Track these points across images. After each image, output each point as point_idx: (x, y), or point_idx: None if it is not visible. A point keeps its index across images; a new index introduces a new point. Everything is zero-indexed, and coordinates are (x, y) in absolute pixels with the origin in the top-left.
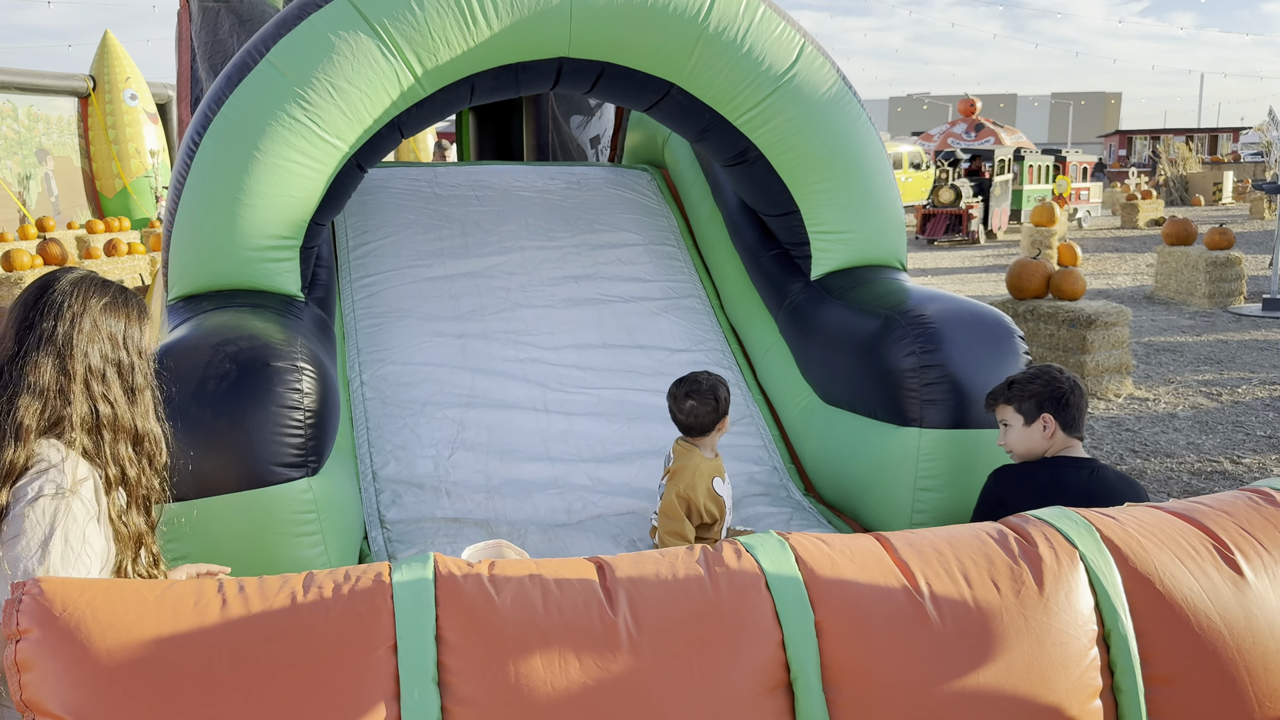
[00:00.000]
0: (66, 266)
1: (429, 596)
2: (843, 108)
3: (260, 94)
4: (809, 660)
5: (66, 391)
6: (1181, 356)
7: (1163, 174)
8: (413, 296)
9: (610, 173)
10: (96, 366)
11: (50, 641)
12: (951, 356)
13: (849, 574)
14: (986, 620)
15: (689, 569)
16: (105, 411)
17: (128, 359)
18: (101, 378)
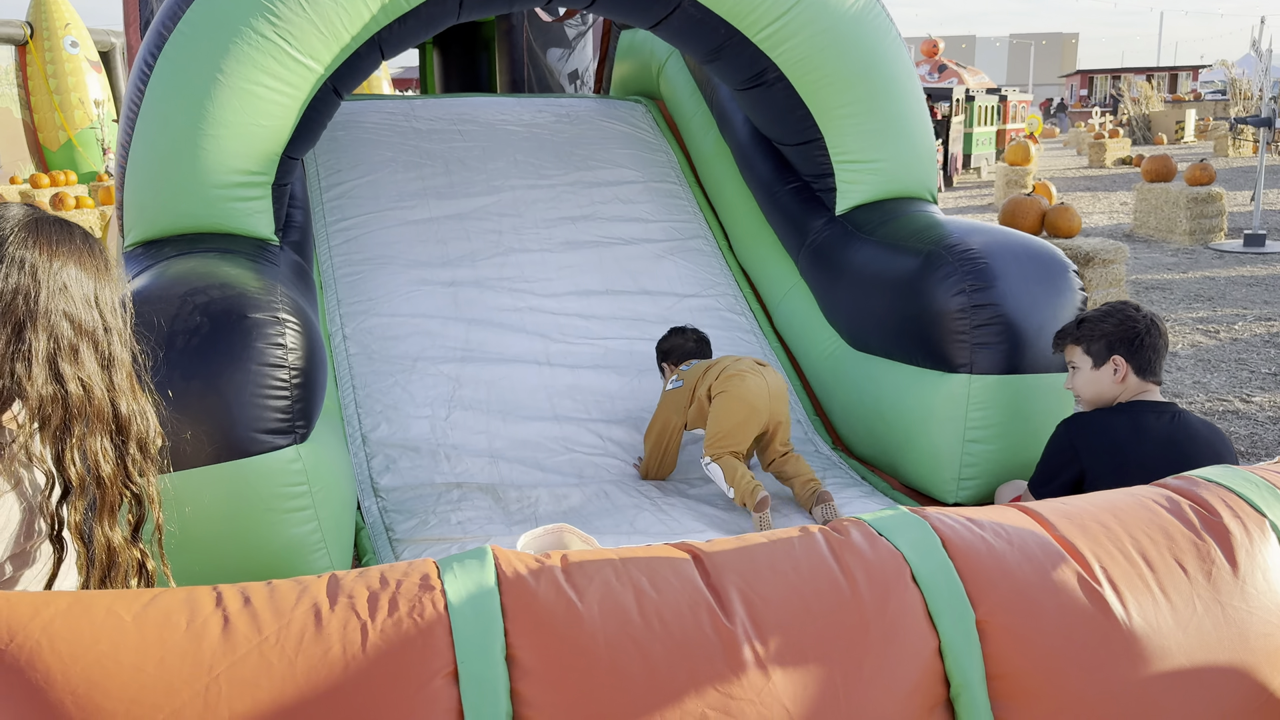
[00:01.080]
0: (6, 203)
1: (494, 606)
2: (871, 21)
3: (223, 8)
4: (973, 670)
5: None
6: (1172, 294)
7: (1126, 113)
8: (396, 241)
9: (601, 105)
10: (67, 337)
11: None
12: (1005, 295)
13: (1010, 561)
14: (1179, 612)
15: (812, 557)
16: (76, 394)
17: (102, 323)
18: (74, 353)
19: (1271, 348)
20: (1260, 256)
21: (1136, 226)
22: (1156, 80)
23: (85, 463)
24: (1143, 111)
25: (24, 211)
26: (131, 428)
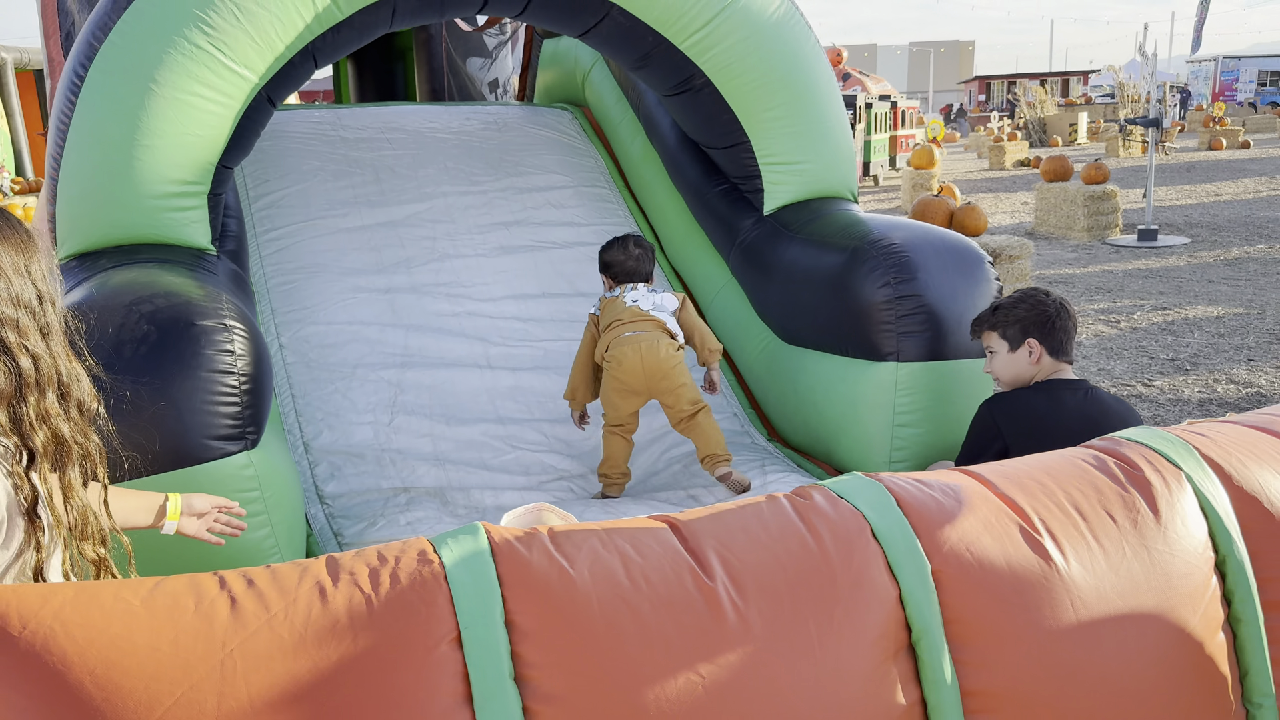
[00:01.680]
0: None
1: (490, 575)
2: (793, 29)
3: (155, 17)
4: (932, 617)
5: None
6: (1074, 287)
7: (1022, 117)
8: (328, 249)
9: (529, 112)
10: (6, 310)
11: (12, 672)
12: (927, 286)
13: (958, 516)
14: (1111, 556)
15: (780, 519)
16: (26, 365)
17: (36, 292)
18: (16, 325)
19: (1168, 335)
20: (1153, 250)
21: (1038, 224)
22: (1050, 85)
23: (45, 426)
24: (1038, 115)
25: None
26: (72, 391)
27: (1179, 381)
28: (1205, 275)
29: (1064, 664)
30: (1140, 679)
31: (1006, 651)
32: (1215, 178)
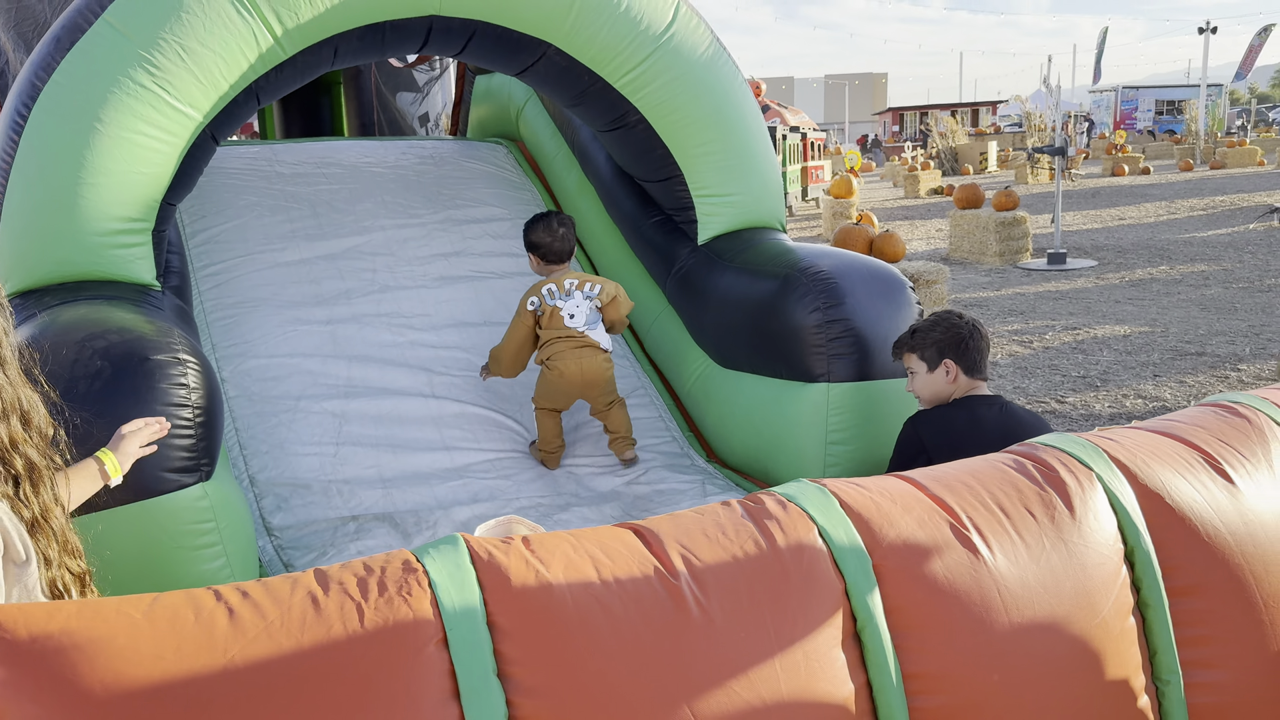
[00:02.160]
0: None
1: (471, 580)
2: (721, 67)
3: (99, 58)
4: (875, 606)
5: None
6: (989, 310)
7: (935, 146)
8: (267, 283)
9: (464, 146)
10: None
11: (25, 683)
12: (854, 310)
13: (895, 516)
14: (1032, 549)
15: (735, 522)
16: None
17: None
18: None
19: (1079, 354)
20: (1063, 273)
21: (952, 250)
22: (960, 115)
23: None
24: (950, 145)
25: None
26: (32, 418)
27: (1090, 398)
28: (1112, 296)
29: (994, 648)
30: (1062, 659)
31: (942, 637)
32: (1119, 203)
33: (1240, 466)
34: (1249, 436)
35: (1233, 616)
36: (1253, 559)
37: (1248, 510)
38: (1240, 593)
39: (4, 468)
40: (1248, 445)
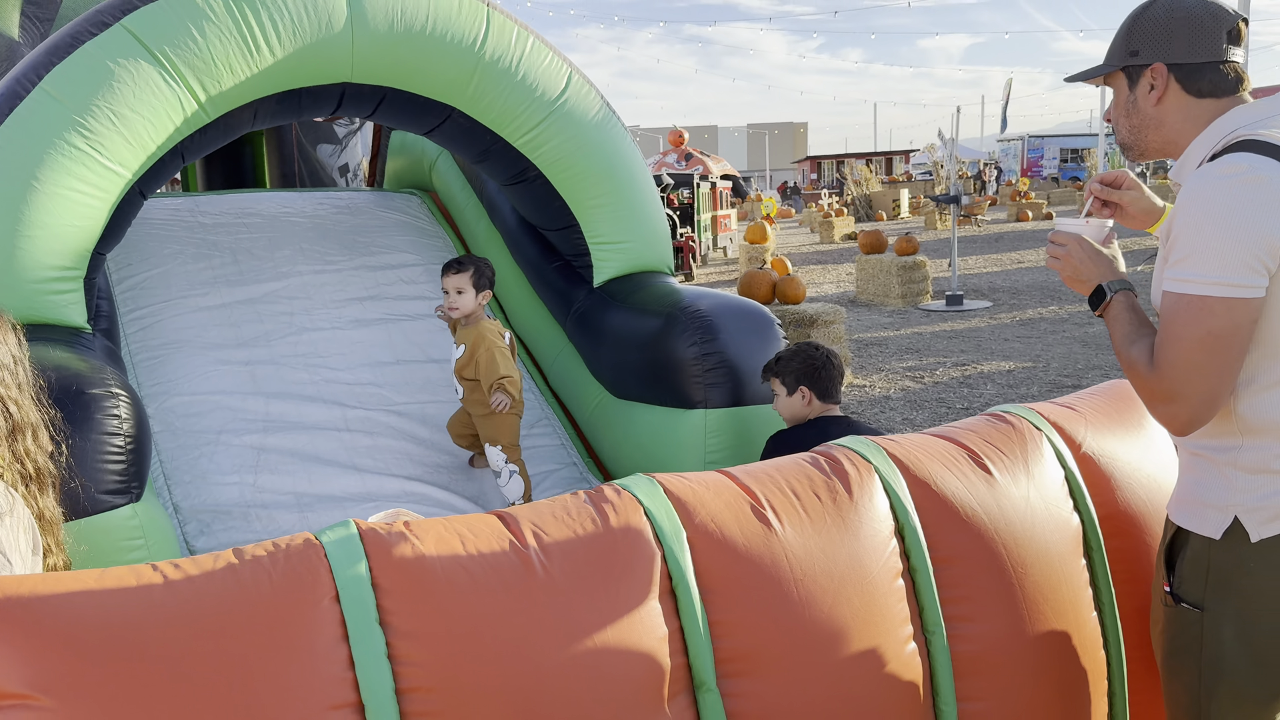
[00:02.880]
0: None
1: (359, 550)
2: (611, 129)
3: (36, 123)
4: (686, 570)
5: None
6: (887, 348)
7: (850, 194)
8: (190, 326)
9: (379, 197)
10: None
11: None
12: (727, 344)
13: (707, 499)
14: (816, 523)
15: (578, 506)
16: (13, 412)
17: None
18: (2, 381)
19: (965, 388)
20: (959, 313)
21: (859, 292)
22: (875, 164)
23: (30, 460)
24: (864, 192)
25: None
26: (40, 435)
27: None
28: (1002, 334)
29: (782, 600)
30: (840, 610)
31: (740, 593)
32: (1020, 246)
33: (999, 462)
34: (1010, 439)
35: (987, 581)
36: (1005, 535)
37: (1002, 496)
38: (994, 562)
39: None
40: (1008, 446)
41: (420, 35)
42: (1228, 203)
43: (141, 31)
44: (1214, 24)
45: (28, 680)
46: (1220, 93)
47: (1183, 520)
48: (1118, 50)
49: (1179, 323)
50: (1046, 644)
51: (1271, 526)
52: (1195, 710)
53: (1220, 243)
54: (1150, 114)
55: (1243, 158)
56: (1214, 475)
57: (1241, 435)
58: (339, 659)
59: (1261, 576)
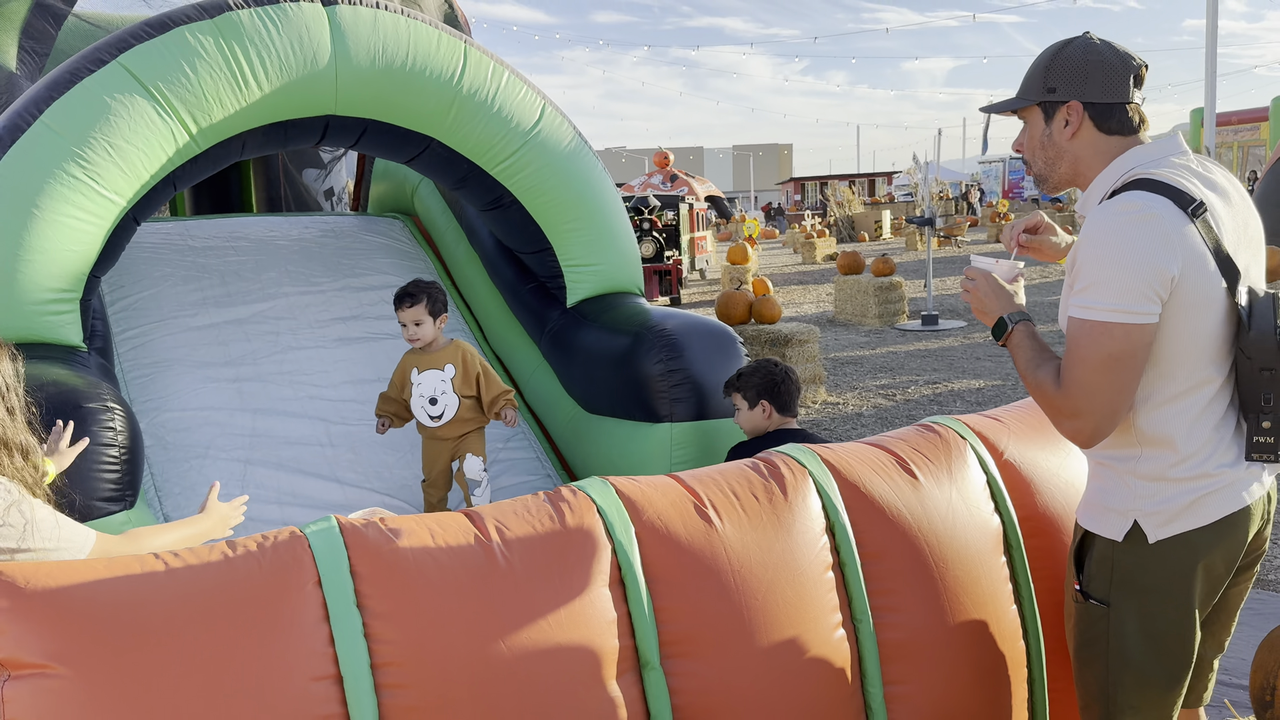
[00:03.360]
0: None
1: (339, 542)
2: (582, 158)
3: (37, 154)
4: (634, 561)
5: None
6: (862, 367)
7: (832, 215)
8: (180, 345)
9: (362, 221)
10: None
11: (20, 608)
12: (691, 362)
13: (654, 498)
14: (753, 521)
15: (538, 505)
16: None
17: (3, 384)
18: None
19: (935, 405)
20: (934, 333)
21: (837, 312)
22: (858, 185)
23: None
24: (846, 213)
25: None
26: (30, 455)
27: None
28: (974, 354)
29: (721, 589)
30: (773, 598)
31: (682, 584)
32: None
33: (925, 467)
34: (936, 447)
35: (911, 574)
36: (928, 533)
37: (926, 498)
38: (917, 557)
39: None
40: (934, 453)
41: (401, 70)
42: (1125, 238)
43: (137, 68)
44: (1124, 69)
45: (46, 652)
46: (1126, 131)
47: (1089, 524)
48: (1035, 86)
49: (1082, 345)
50: (967, 633)
51: (1167, 529)
52: (1104, 697)
53: (1118, 274)
54: (1064, 147)
55: (1138, 196)
56: (1116, 483)
57: (1140, 446)
58: (321, 636)
59: (1159, 575)
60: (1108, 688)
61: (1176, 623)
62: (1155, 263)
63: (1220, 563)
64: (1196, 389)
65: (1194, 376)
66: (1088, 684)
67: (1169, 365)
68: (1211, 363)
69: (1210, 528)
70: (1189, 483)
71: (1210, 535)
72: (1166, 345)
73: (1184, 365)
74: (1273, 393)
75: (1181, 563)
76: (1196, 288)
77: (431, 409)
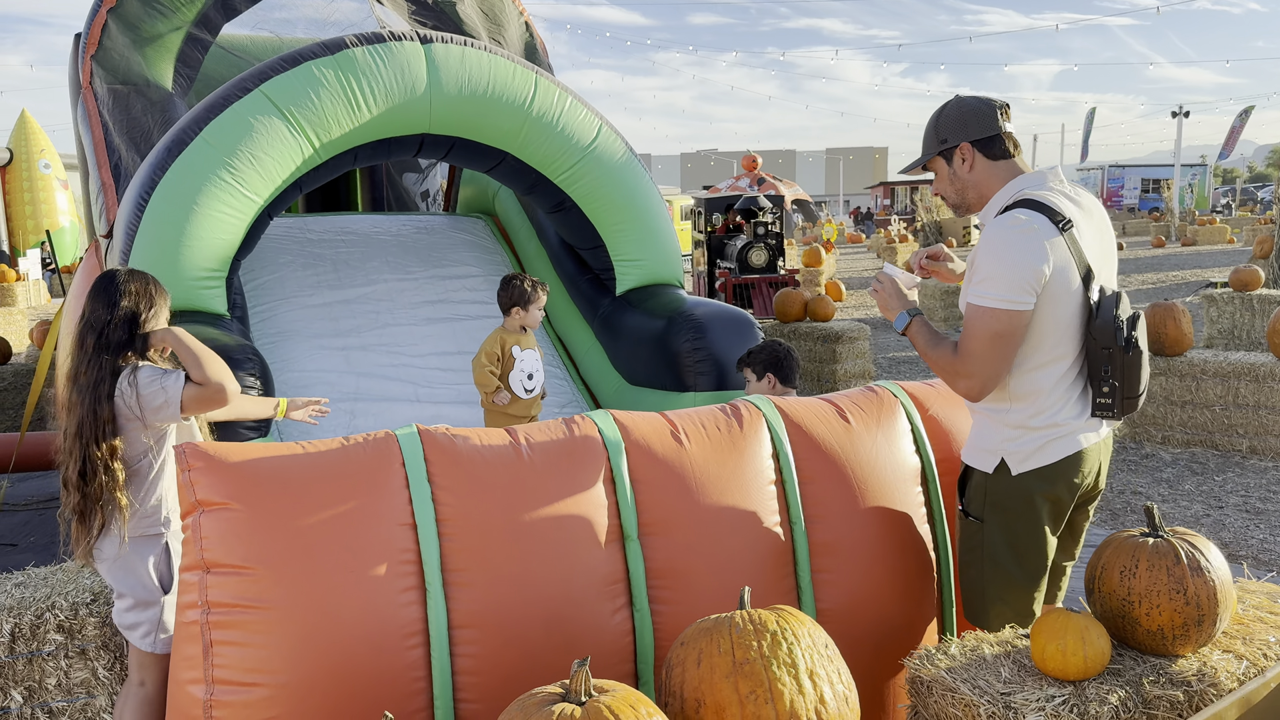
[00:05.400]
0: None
1: (417, 439)
2: (633, 169)
3: (197, 163)
4: (622, 465)
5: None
6: (916, 366)
7: (920, 220)
8: (299, 320)
9: (451, 220)
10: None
11: (211, 466)
12: (713, 342)
13: (640, 424)
14: (714, 443)
15: (556, 424)
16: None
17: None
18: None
19: None
20: None
21: None
22: None
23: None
24: (934, 219)
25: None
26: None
27: None
28: None
29: (686, 490)
30: (726, 499)
31: (657, 483)
32: None
33: (858, 416)
34: (872, 402)
35: (837, 493)
36: (854, 463)
37: (855, 438)
38: (843, 480)
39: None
40: (869, 406)
41: (482, 97)
42: (1010, 244)
43: (274, 95)
44: (989, 109)
45: (227, 494)
46: (1007, 155)
47: (969, 459)
48: (931, 143)
49: (976, 324)
50: (882, 540)
51: (1026, 464)
52: (980, 593)
53: (1005, 271)
54: (967, 179)
55: (1022, 212)
56: (990, 429)
57: (1010, 401)
58: (403, 498)
59: (1018, 498)
60: (982, 584)
61: (1031, 535)
62: (1032, 264)
63: (1064, 492)
64: (1056, 361)
65: (1055, 351)
66: (969, 583)
67: (1037, 341)
68: (1068, 341)
69: (1056, 465)
70: (1043, 431)
71: (1055, 471)
72: (1036, 326)
73: (1047, 341)
74: (1110, 366)
75: (1034, 490)
76: (1061, 284)
77: (529, 383)
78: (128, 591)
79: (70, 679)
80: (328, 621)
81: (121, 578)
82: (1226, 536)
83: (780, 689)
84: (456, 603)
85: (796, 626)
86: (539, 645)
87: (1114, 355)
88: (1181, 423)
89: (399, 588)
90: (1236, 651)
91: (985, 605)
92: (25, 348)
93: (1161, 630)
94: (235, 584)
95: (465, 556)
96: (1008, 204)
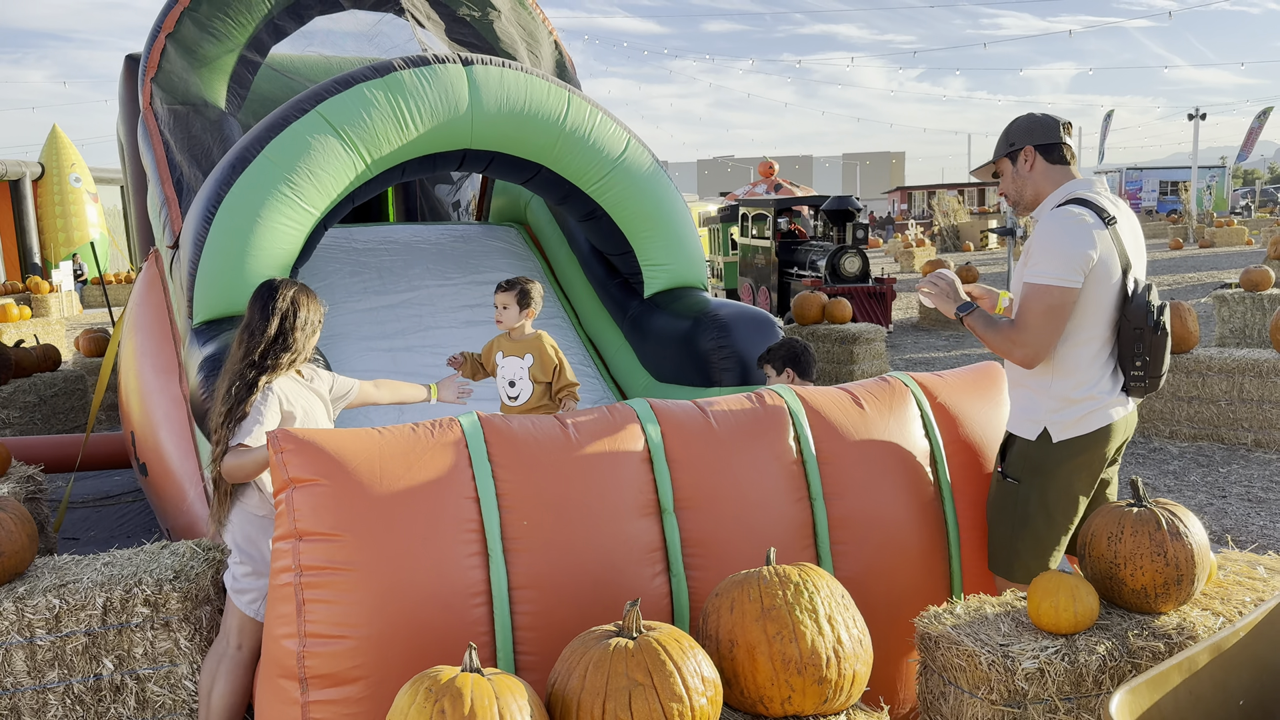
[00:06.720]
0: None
1: (478, 425)
2: (659, 180)
3: (259, 178)
4: (658, 446)
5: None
6: (932, 367)
7: (937, 225)
8: (348, 323)
9: (486, 229)
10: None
11: (301, 448)
12: (737, 340)
13: (674, 409)
14: (740, 427)
15: (599, 411)
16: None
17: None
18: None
19: None
20: None
21: (921, 319)
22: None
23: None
24: (951, 223)
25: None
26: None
27: None
28: None
29: (717, 469)
30: (752, 477)
31: (690, 462)
32: None
33: (872, 403)
34: (885, 390)
35: (853, 472)
36: (867, 446)
37: (869, 422)
38: (859, 460)
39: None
40: (882, 394)
41: (520, 114)
42: (1066, 229)
43: (329, 115)
44: (1054, 123)
45: (316, 471)
46: (1064, 162)
47: (1014, 429)
48: (1002, 147)
49: (1032, 300)
50: (894, 514)
51: (1067, 433)
52: (1009, 545)
53: (1060, 253)
54: (1028, 178)
55: (1075, 206)
56: (1034, 400)
57: (1053, 375)
58: (467, 475)
59: (1056, 464)
60: (1012, 540)
61: (1064, 497)
62: (1083, 249)
63: (1096, 460)
64: (1095, 339)
65: (1094, 329)
66: (999, 539)
67: (1080, 319)
68: (1105, 323)
69: (1092, 435)
70: (1082, 403)
71: (1090, 440)
72: (1080, 305)
73: (1088, 319)
74: (1141, 344)
75: (1072, 456)
76: (1104, 270)
77: (510, 390)
78: (248, 560)
79: (155, 649)
80: (404, 582)
81: (245, 547)
82: (1228, 523)
83: (803, 630)
84: (515, 566)
85: (816, 579)
86: (588, 604)
87: (1145, 335)
88: (1188, 417)
89: (465, 553)
90: (1214, 609)
91: (1011, 559)
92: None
93: (1145, 589)
94: (324, 549)
95: (522, 526)
96: (1061, 201)
